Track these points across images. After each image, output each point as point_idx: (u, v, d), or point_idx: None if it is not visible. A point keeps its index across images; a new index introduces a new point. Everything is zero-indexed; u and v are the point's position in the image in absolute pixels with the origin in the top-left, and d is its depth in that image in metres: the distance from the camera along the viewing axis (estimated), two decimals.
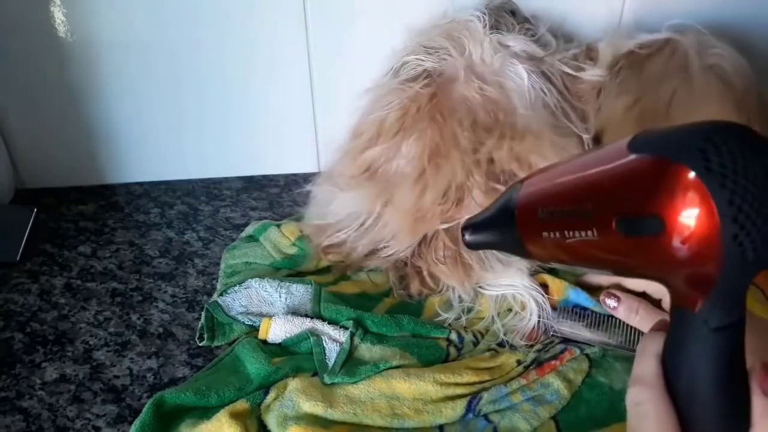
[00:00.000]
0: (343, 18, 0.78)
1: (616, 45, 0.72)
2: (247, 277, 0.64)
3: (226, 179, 0.90)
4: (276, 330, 0.59)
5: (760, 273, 0.29)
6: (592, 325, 0.59)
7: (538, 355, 0.57)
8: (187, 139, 0.86)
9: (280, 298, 0.62)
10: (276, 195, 0.86)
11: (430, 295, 0.65)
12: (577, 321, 0.60)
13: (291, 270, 0.68)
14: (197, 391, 0.52)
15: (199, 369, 0.58)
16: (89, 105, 0.82)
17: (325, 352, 0.57)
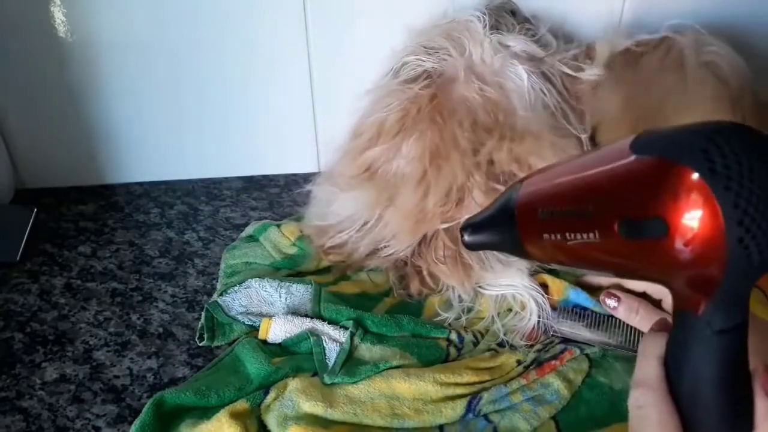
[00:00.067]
0: (343, 18, 0.78)
1: (613, 43, 0.71)
2: (247, 277, 0.64)
3: (226, 179, 0.90)
4: (276, 330, 0.59)
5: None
6: (592, 325, 0.59)
7: (538, 355, 0.57)
8: (187, 139, 0.86)
9: (280, 298, 0.62)
10: (276, 195, 0.86)
11: (430, 294, 0.65)
12: (577, 321, 0.60)
13: (291, 270, 0.68)
14: (197, 391, 0.52)
15: (199, 369, 0.58)
16: (89, 105, 0.82)
17: (325, 352, 0.57)
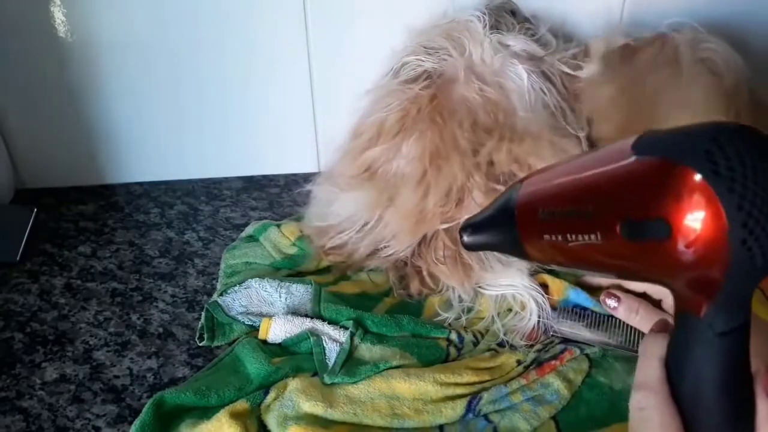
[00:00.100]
0: (343, 18, 0.78)
1: (609, 41, 0.72)
2: (247, 277, 0.64)
3: (226, 179, 0.90)
4: (276, 330, 0.59)
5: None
6: (592, 325, 0.59)
7: (538, 355, 0.57)
8: (187, 139, 0.86)
9: (280, 298, 0.62)
10: (276, 195, 0.86)
11: (430, 294, 0.65)
12: (577, 321, 0.60)
13: (291, 270, 0.68)
14: (197, 391, 0.52)
15: (199, 369, 0.58)
16: (89, 105, 0.82)
17: (325, 352, 0.57)
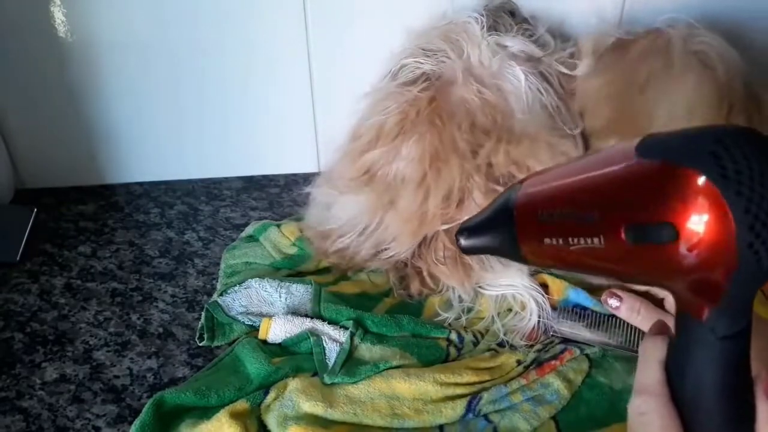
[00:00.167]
0: (343, 18, 0.78)
1: (601, 36, 0.71)
2: (247, 277, 0.64)
3: (226, 179, 0.90)
4: (276, 330, 0.59)
5: None
6: (592, 325, 0.59)
7: (538, 355, 0.57)
8: (187, 139, 0.86)
9: (280, 298, 0.62)
10: (276, 195, 0.86)
11: (431, 295, 0.65)
12: (577, 321, 0.60)
13: (291, 270, 0.68)
14: (197, 391, 0.52)
15: (199, 369, 0.58)
16: (89, 105, 0.82)
17: (325, 352, 0.57)
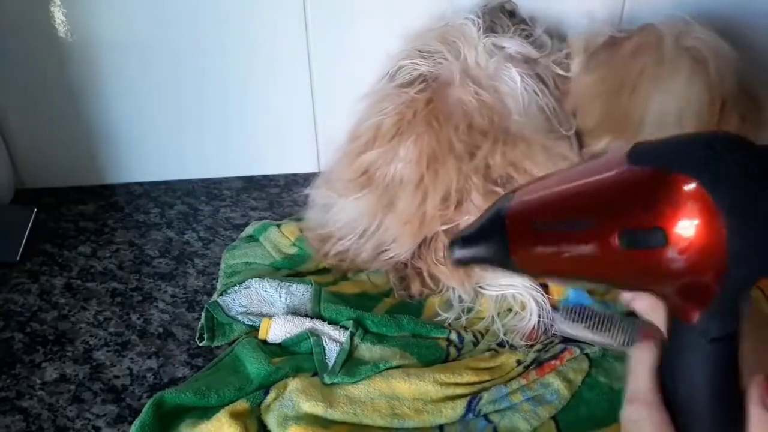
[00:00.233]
0: (343, 18, 0.78)
1: (592, 35, 0.72)
2: (247, 277, 0.64)
3: (226, 179, 0.90)
4: (276, 330, 0.59)
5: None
6: (592, 325, 0.59)
7: (538, 355, 0.57)
8: (187, 139, 0.86)
9: (280, 298, 0.62)
10: (276, 195, 0.86)
11: (431, 295, 0.65)
12: (577, 321, 0.60)
13: (291, 270, 0.68)
14: (197, 391, 0.52)
15: (199, 369, 0.58)
16: (89, 105, 0.82)
17: (325, 352, 0.57)
